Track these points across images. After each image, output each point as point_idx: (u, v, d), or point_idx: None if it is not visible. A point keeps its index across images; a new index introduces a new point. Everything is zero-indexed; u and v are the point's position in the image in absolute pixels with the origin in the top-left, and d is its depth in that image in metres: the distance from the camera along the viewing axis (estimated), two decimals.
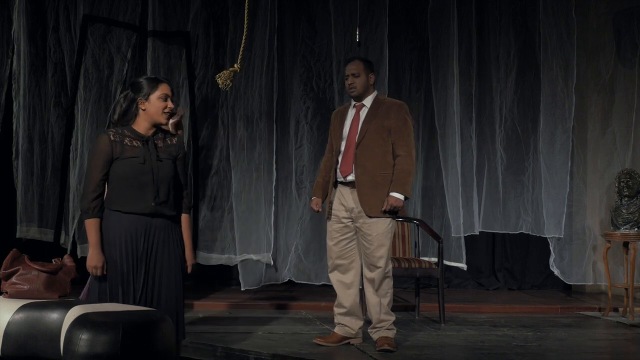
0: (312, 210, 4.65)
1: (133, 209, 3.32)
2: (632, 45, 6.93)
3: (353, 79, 4.47)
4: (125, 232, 3.32)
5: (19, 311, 3.00)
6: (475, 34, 7.01)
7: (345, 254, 4.51)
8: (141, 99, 3.39)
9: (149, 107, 3.39)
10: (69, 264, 3.34)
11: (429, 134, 7.09)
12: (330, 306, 4.69)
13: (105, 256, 3.31)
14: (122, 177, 3.32)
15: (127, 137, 3.37)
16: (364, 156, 4.40)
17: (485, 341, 4.88)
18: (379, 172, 4.39)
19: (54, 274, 3.26)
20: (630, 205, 6.03)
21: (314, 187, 4.70)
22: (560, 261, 6.93)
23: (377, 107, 4.49)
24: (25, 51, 6.36)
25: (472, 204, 6.89)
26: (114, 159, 3.33)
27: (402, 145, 4.42)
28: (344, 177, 4.48)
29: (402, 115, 4.47)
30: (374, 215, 4.37)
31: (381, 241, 4.38)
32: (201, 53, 6.74)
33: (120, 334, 2.72)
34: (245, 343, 4.56)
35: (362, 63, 4.51)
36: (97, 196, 3.32)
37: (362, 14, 6.44)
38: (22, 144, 6.37)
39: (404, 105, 4.58)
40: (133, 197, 3.32)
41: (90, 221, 3.32)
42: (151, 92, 3.39)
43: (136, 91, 3.40)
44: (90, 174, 3.34)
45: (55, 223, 6.41)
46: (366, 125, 4.44)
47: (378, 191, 4.37)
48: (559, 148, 6.92)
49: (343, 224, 4.49)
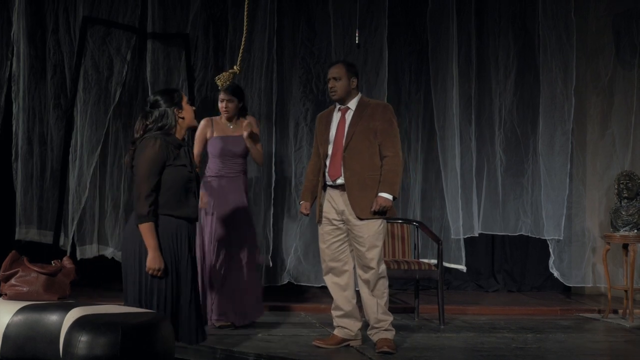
0: (301, 214, 4.70)
1: (182, 213, 3.44)
2: (631, 47, 6.94)
3: (334, 83, 4.49)
4: (172, 236, 3.43)
5: (18, 313, 3.00)
6: (474, 36, 7.01)
7: (338, 256, 4.51)
8: (176, 108, 3.51)
9: (185, 114, 3.54)
10: (68, 266, 3.34)
11: (428, 136, 7.10)
12: (329, 308, 4.69)
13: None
14: (173, 183, 3.42)
15: (171, 145, 3.47)
16: (352, 159, 4.42)
17: (485, 343, 4.88)
18: (367, 174, 4.41)
19: (53, 275, 3.26)
20: (629, 207, 6.03)
21: (302, 191, 4.74)
22: (560, 263, 6.93)
23: (362, 109, 4.50)
24: (25, 53, 6.36)
25: (472, 206, 6.89)
26: (166, 165, 3.41)
27: (389, 146, 4.43)
28: (332, 181, 4.49)
29: (388, 117, 4.48)
30: (365, 217, 4.39)
31: (373, 242, 4.39)
32: (201, 55, 6.74)
33: (119, 336, 2.72)
34: (245, 345, 4.56)
35: (344, 67, 4.53)
36: (153, 200, 3.38)
37: (361, 16, 6.44)
38: (22, 146, 6.37)
39: (388, 106, 4.61)
40: (182, 203, 3.44)
41: (148, 225, 3.36)
42: (180, 99, 3.54)
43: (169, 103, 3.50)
44: (147, 179, 3.37)
45: (54, 225, 6.40)
46: (352, 128, 4.46)
47: (367, 193, 4.39)
48: (558, 150, 6.92)
49: (334, 226, 4.50)
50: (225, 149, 5.13)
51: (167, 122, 3.47)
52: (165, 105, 3.49)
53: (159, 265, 3.35)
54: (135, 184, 3.42)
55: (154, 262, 3.35)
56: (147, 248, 3.35)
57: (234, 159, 5.13)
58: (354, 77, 4.53)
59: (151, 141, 3.40)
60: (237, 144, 5.13)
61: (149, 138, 3.41)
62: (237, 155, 5.13)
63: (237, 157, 5.14)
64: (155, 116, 3.47)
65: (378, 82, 6.74)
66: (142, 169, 3.38)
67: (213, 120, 5.23)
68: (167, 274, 3.40)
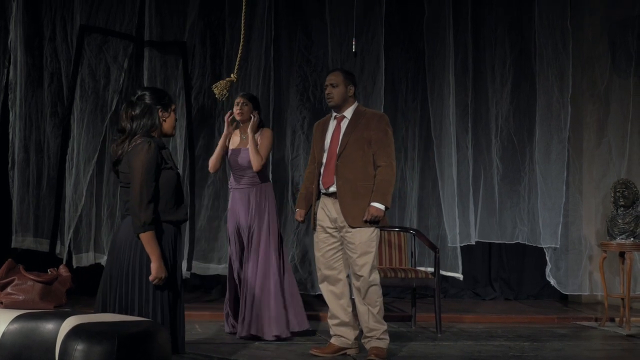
0: (297, 221, 4.73)
1: (177, 217, 3.35)
2: (627, 56, 6.97)
3: (331, 89, 4.51)
4: (171, 244, 3.34)
5: (14, 321, 2.99)
6: (471, 45, 7.03)
7: (333, 263, 4.52)
8: (161, 109, 3.38)
9: (167, 118, 3.41)
10: (64, 274, 3.33)
11: (425, 144, 7.11)
12: (326, 316, 4.68)
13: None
14: (167, 187, 3.31)
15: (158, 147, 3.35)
16: (345, 167, 4.43)
17: (482, 351, 4.87)
18: (360, 183, 4.42)
19: (49, 284, 3.25)
20: (626, 215, 6.04)
21: (298, 199, 4.77)
22: (557, 271, 6.93)
23: (357, 118, 4.52)
24: (22, 61, 6.36)
25: (469, 214, 6.89)
26: (160, 169, 3.29)
27: (382, 156, 4.44)
28: (325, 189, 4.51)
29: (383, 127, 4.50)
30: (356, 225, 4.40)
31: (364, 249, 4.40)
32: (198, 63, 6.75)
33: (115, 345, 2.71)
34: (242, 353, 4.55)
35: (341, 74, 4.55)
36: (155, 206, 3.25)
37: (358, 25, 6.46)
38: (18, 154, 6.36)
39: (384, 116, 4.63)
40: (175, 207, 3.34)
41: (151, 234, 3.22)
42: (170, 102, 3.42)
43: (156, 101, 3.38)
44: (147, 184, 3.22)
45: (50, 233, 6.39)
46: (347, 137, 4.47)
47: (359, 201, 4.40)
48: (555, 158, 6.94)
49: (328, 234, 4.51)
50: (232, 161, 5.19)
51: (149, 121, 3.34)
52: (151, 102, 3.36)
53: (165, 274, 3.26)
54: (133, 191, 3.24)
55: (160, 271, 3.23)
56: (151, 257, 3.22)
57: (240, 171, 5.16)
58: (351, 85, 4.54)
59: (145, 145, 3.25)
60: (238, 156, 5.16)
61: (141, 143, 3.27)
62: (242, 167, 5.14)
63: (242, 170, 5.15)
64: (141, 108, 3.34)
65: (375, 91, 6.75)
66: (140, 175, 3.22)
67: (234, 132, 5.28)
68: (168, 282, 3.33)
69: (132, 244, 3.28)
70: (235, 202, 5.17)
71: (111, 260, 3.34)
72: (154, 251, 3.23)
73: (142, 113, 3.35)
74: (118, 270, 3.30)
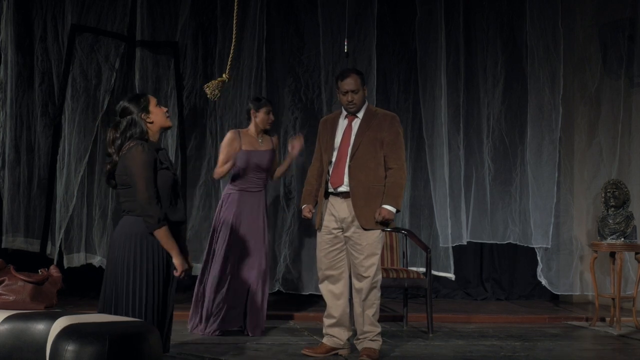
0: (304, 217, 4.64)
1: (176, 217, 3.35)
2: (617, 57, 6.99)
3: (352, 96, 4.45)
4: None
5: (4, 322, 2.98)
6: (463, 46, 7.05)
7: (335, 264, 4.51)
8: (143, 113, 3.37)
9: (153, 117, 3.39)
10: (55, 275, 3.31)
11: (417, 145, 7.12)
12: (318, 316, 4.70)
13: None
14: (164, 187, 3.32)
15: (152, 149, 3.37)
16: (357, 168, 4.41)
17: (474, 351, 4.89)
18: (372, 185, 4.41)
19: (40, 284, 3.24)
20: (616, 215, 6.06)
21: (304, 195, 4.69)
22: (548, 271, 6.96)
23: (369, 118, 4.49)
24: (13, 61, 6.33)
25: (460, 214, 6.91)
26: (157, 169, 3.31)
27: (394, 158, 4.44)
28: (334, 188, 4.48)
29: (395, 128, 4.49)
30: (369, 227, 4.39)
31: (371, 251, 4.40)
32: (189, 63, 6.74)
33: (106, 345, 2.70)
34: (233, 354, 4.54)
35: (358, 78, 4.49)
36: (160, 204, 3.28)
37: (350, 25, 6.46)
38: (9, 154, 6.34)
39: (396, 117, 4.60)
40: (173, 207, 3.35)
41: (166, 229, 3.25)
42: (147, 103, 3.38)
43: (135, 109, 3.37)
44: (149, 183, 3.25)
45: (41, 233, 6.36)
46: (359, 138, 4.44)
47: (372, 203, 4.39)
48: (546, 159, 6.96)
49: (333, 235, 4.50)
50: (252, 163, 5.20)
51: (136, 130, 3.34)
52: (134, 112, 3.36)
53: (187, 265, 3.33)
54: (138, 192, 3.24)
55: (183, 265, 3.29)
56: (171, 252, 3.26)
57: (258, 173, 5.21)
58: (365, 86, 4.56)
59: (138, 147, 3.28)
60: (264, 158, 5.21)
61: (134, 146, 3.28)
62: (263, 169, 5.22)
63: (261, 172, 5.22)
64: (124, 125, 3.35)
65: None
66: (140, 175, 3.24)
67: (240, 133, 5.30)
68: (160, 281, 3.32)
69: (125, 243, 3.29)
70: (244, 205, 5.17)
71: (109, 259, 3.39)
72: (173, 246, 3.27)
73: (128, 126, 3.36)
74: (113, 268, 3.32)
